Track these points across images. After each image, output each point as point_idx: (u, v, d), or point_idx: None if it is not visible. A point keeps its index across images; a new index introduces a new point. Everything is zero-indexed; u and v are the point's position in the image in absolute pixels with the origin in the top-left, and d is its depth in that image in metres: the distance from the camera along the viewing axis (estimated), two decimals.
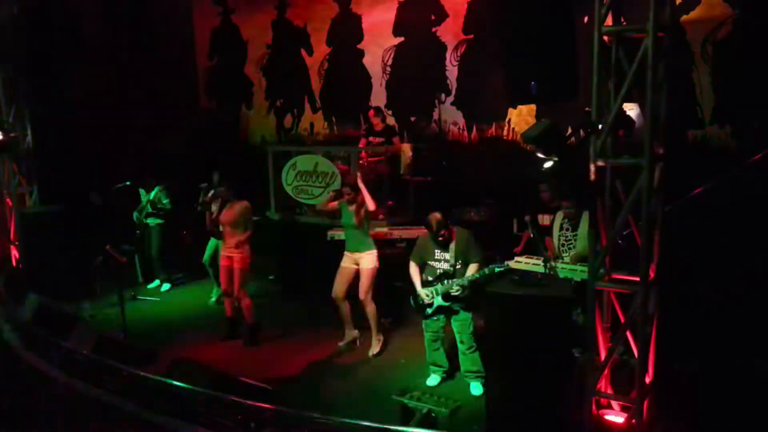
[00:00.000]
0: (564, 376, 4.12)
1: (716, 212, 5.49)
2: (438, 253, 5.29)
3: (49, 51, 7.95)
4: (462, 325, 5.27)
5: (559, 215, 5.75)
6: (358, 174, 6.50)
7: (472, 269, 5.19)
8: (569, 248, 5.61)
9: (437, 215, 5.20)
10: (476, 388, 5.22)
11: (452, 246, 5.25)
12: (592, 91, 3.86)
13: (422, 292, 5.31)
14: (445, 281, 5.22)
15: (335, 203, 6.20)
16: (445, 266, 5.26)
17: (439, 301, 5.25)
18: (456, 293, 5.17)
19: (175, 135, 9.81)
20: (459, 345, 5.32)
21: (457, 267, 5.23)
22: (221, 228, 6.53)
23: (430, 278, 5.33)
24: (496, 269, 4.99)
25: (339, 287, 6.13)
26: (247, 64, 10.62)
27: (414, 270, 5.43)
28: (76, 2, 8.51)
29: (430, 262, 5.34)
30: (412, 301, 5.47)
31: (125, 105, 9.16)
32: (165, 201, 8.13)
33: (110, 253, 6.96)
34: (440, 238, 5.21)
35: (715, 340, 5.08)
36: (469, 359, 5.28)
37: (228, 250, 6.49)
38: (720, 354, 5.00)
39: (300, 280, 7.98)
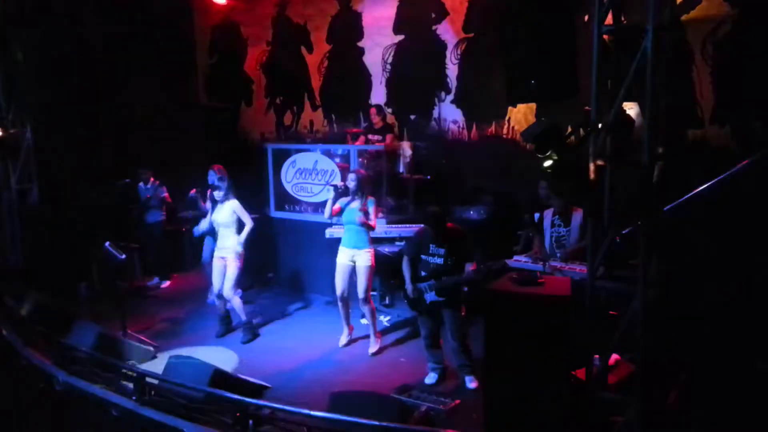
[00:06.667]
0: (564, 376, 4.12)
1: (716, 212, 5.48)
2: (433, 248, 5.30)
3: (48, 49, 7.93)
4: (451, 320, 5.28)
5: (549, 213, 5.73)
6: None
7: (466, 268, 5.19)
8: (562, 244, 5.60)
9: (436, 209, 5.25)
10: (470, 381, 5.25)
11: (447, 242, 5.26)
12: (591, 90, 3.87)
13: (414, 286, 5.34)
14: (440, 278, 5.23)
15: (338, 207, 6.14)
16: (439, 261, 5.27)
17: (432, 296, 5.27)
18: (449, 288, 5.19)
19: (175, 132, 9.79)
20: (450, 341, 5.33)
21: (450, 263, 5.24)
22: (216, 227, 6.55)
23: (423, 273, 5.34)
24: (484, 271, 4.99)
25: (342, 285, 6.14)
26: (247, 62, 10.60)
27: (406, 265, 5.44)
28: (76, 0, 8.49)
29: (424, 257, 5.36)
30: (405, 296, 5.49)
31: (125, 102, 9.15)
32: (163, 196, 8.16)
33: (110, 250, 6.97)
34: (437, 232, 5.22)
35: (715, 341, 5.08)
36: (459, 354, 5.30)
37: (221, 250, 6.50)
38: (720, 355, 5.00)
39: (299, 278, 7.98)
